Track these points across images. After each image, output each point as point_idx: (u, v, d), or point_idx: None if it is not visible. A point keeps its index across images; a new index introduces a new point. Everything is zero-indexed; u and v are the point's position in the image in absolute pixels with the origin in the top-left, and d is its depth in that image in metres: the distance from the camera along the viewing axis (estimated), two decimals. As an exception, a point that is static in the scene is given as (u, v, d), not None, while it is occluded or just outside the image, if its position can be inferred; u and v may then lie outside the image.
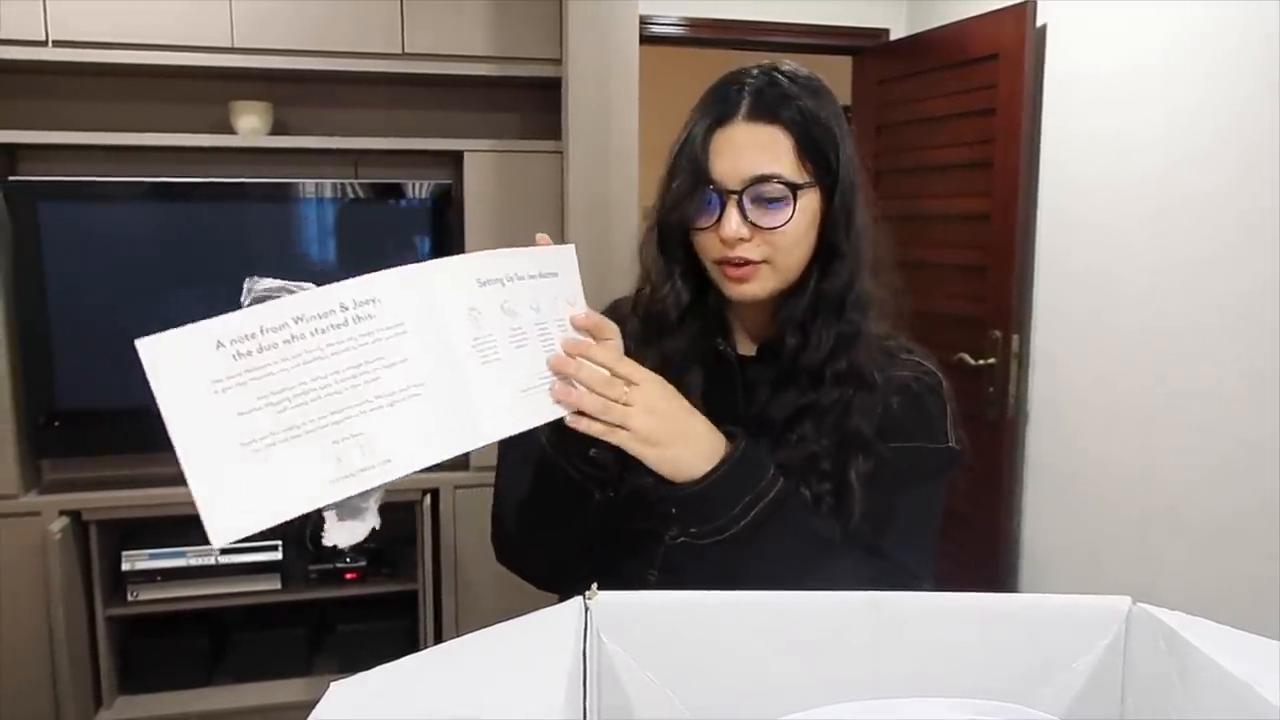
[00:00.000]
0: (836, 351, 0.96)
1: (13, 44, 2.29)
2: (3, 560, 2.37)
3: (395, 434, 0.72)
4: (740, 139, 0.93)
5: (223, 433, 0.66)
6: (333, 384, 0.70)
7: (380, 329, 0.72)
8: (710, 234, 0.94)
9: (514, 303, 0.82)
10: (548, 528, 1.02)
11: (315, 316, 0.70)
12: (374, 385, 0.72)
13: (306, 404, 0.69)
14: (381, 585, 2.64)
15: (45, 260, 2.38)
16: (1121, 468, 2.43)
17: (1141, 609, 0.71)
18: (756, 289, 0.96)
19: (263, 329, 0.68)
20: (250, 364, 0.67)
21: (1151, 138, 2.31)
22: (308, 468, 0.69)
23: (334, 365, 0.70)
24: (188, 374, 0.66)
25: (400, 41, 2.51)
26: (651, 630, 0.74)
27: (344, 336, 0.71)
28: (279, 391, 0.68)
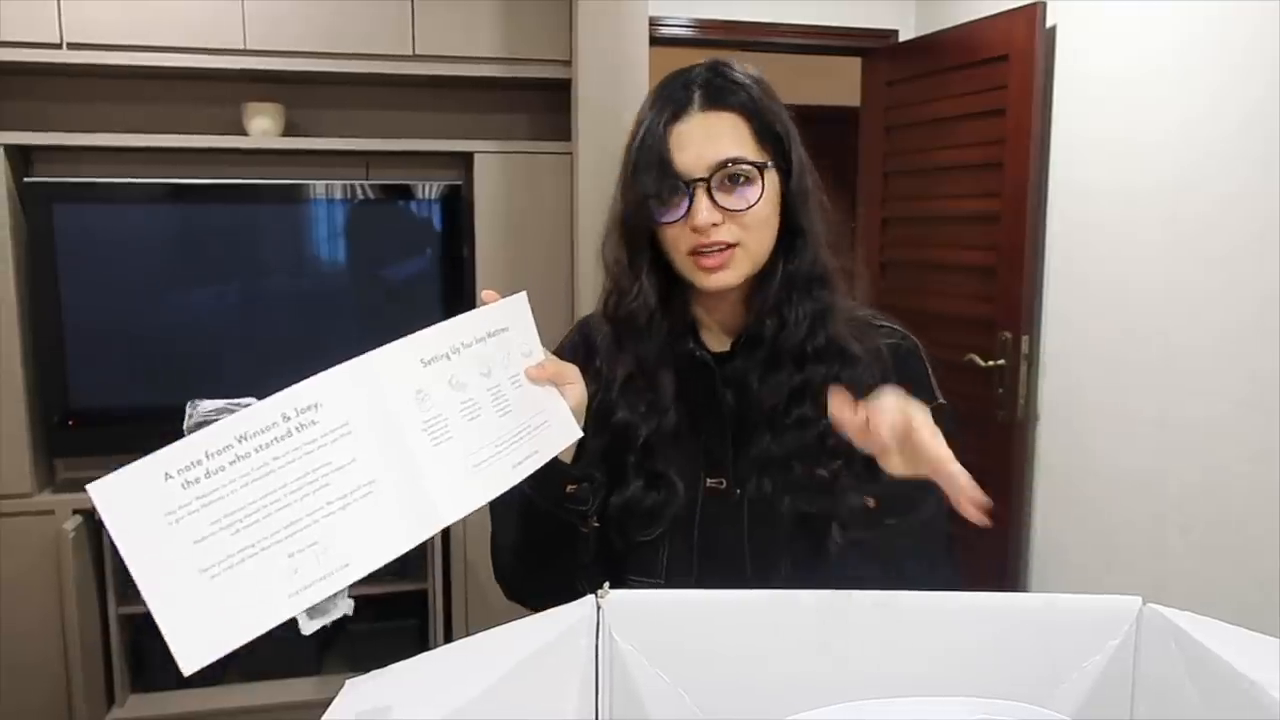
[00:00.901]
0: (814, 328, 0.98)
1: (27, 46, 2.30)
2: (16, 558, 2.39)
3: (350, 537, 0.73)
4: (699, 128, 0.95)
5: (181, 562, 0.67)
6: (283, 497, 0.70)
7: (324, 434, 0.72)
8: (679, 227, 0.95)
9: (462, 374, 0.82)
10: (542, 567, 1.02)
11: (258, 432, 0.70)
12: (324, 492, 0.72)
13: (259, 521, 0.69)
14: (392, 585, 2.64)
15: (59, 260, 2.39)
16: (1131, 469, 2.43)
17: (1152, 609, 0.71)
18: (730, 276, 0.96)
19: (208, 454, 0.68)
20: (200, 490, 0.67)
21: (1162, 139, 2.31)
22: (267, 585, 0.69)
23: (282, 478, 0.70)
24: (141, 509, 0.66)
25: (411, 43, 2.52)
26: (663, 629, 0.74)
27: (289, 448, 0.71)
28: (231, 513, 0.68)
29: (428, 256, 2.66)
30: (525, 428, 0.85)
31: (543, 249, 2.61)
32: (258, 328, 2.59)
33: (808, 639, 0.74)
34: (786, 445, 0.98)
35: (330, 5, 2.46)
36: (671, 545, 1.01)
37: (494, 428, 0.82)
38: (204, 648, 0.67)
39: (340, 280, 2.67)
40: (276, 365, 2.55)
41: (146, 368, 2.51)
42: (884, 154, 3.26)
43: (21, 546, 2.39)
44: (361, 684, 0.69)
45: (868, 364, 0.99)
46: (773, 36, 3.20)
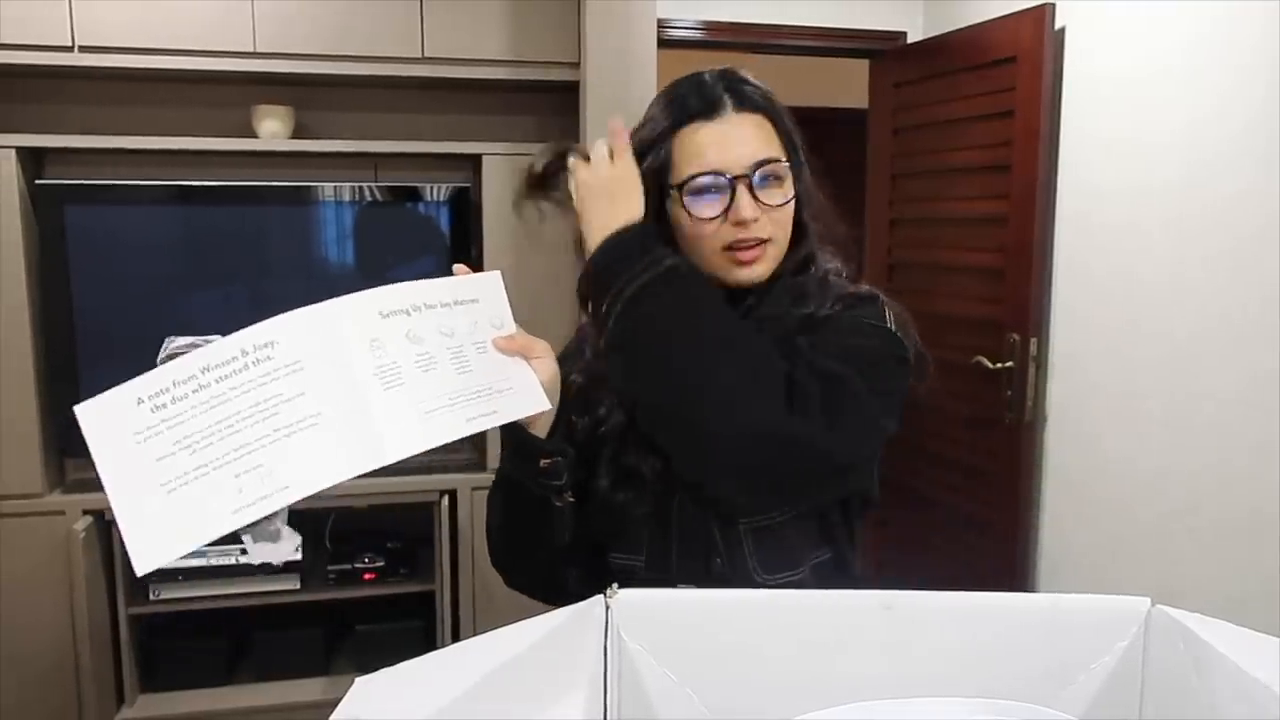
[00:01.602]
0: (779, 300, 1.03)
1: (40, 49, 2.32)
2: (27, 558, 2.40)
3: (292, 462, 0.79)
4: (737, 128, 1.00)
5: (145, 476, 0.76)
6: (235, 423, 0.78)
7: (277, 368, 0.80)
8: (716, 223, 0.99)
9: (420, 330, 0.89)
10: (523, 544, 1.06)
11: (219, 365, 0.79)
12: (273, 420, 0.79)
13: (213, 444, 0.77)
14: (399, 586, 2.65)
15: (70, 262, 2.41)
16: (1140, 470, 2.42)
17: (1160, 610, 0.71)
18: (763, 269, 1.01)
19: (175, 382, 0.78)
20: (166, 414, 0.77)
21: (1171, 140, 2.30)
22: (215, 500, 0.77)
23: (237, 406, 0.78)
24: (115, 429, 0.76)
25: (420, 45, 2.53)
26: (671, 629, 0.74)
27: (245, 379, 0.79)
28: (190, 435, 0.77)
29: (436, 258, 2.67)
30: (486, 389, 0.90)
31: (550, 250, 2.62)
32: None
33: (816, 639, 0.74)
34: None
35: (339, 8, 2.47)
36: (653, 522, 1.04)
37: (450, 383, 0.88)
38: (157, 552, 0.75)
39: (348, 282, 2.66)
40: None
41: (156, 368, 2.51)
42: (892, 156, 3.26)
43: (32, 546, 2.40)
44: (370, 683, 0.70)
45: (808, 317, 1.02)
46: (781, 38, 3.20)
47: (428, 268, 2.67)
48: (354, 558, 2.63)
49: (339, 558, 2.63)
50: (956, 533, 2.99)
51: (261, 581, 2.54)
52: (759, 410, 0.89)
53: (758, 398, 0.89)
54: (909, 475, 3.13)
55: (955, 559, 2.99)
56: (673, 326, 0.91)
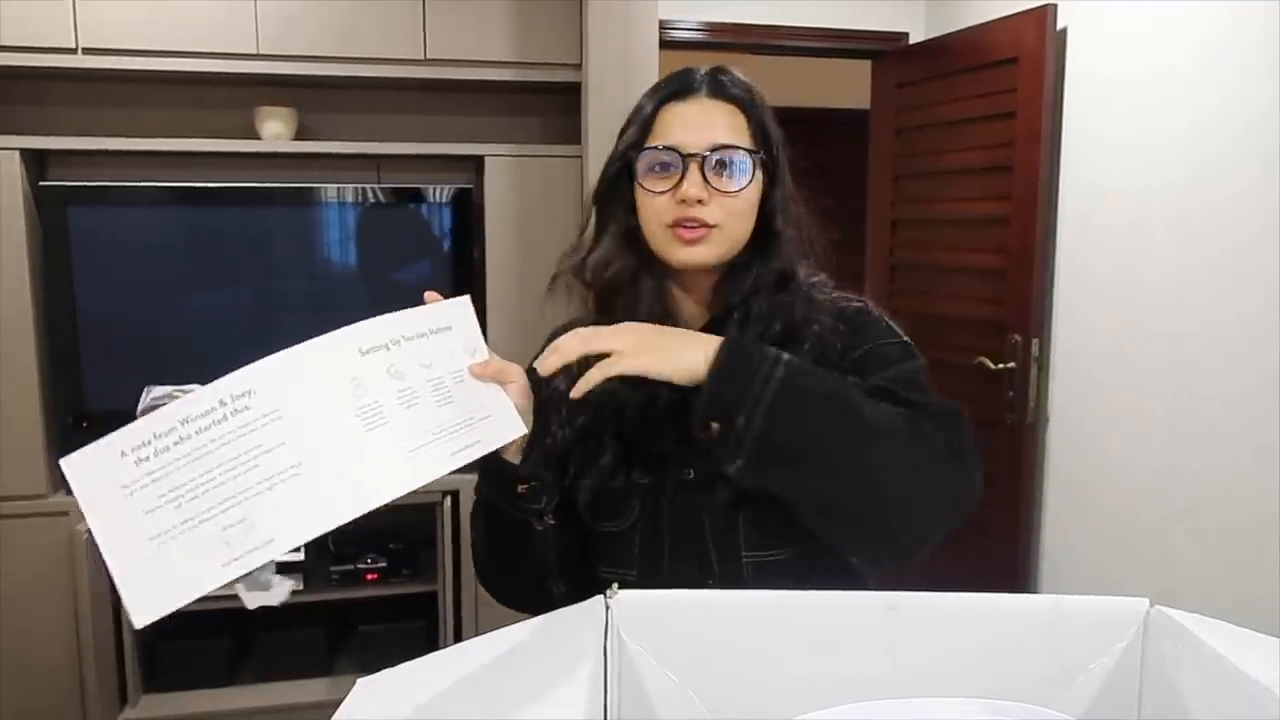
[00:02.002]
0: (770, 322, 1.02)
1: (43, 51, 2.33)
2: (31, 559, 2.41)
3: (275, 515, 0.78)
4: (703, 111, 1.01)
5: (134, 529, 0.75)
6: (218, 476, 0.77)
7: (256, 419, 0.79)
8: (666, 199, 0.99)
9: (401, 364, 0.87)
10: (508, 564, 1.06)
11: (198, 416, 0.77)
12: (254, 473, 0.78)
13: (198, 497, 0.76)
14: (402, 586, 2.66)
15: (74, 263, 2.42)
16: (1142, 471, 2.42)
17: (1159, 611, 0.71)
18: (705, 253, 1.00)
19: (155, 435, 0.76)
20: (149, 468, 0.76)
21: (1174, 140, 2.30)
22: (204, 554, 0.76)
23: (218, 459, 0.77)
24: (102, 482, 0.75)
25: (422, 47, 2.53)
26: (671, 629, 0.75)
27: (224, 431, 0.78)
28: (175, 489, 0.76)
29: (438, 259, 2.68)
30: (467, 419, 0.89)
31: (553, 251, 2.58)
32: (269, 329, 2.61)
33: (816, 639, 0.75)
34: None
35: (342, 9, 2.48)
36: (643, 535, 1.03)
37: (432, 417, 0.87)
38: (152, 606, 0.75)
39: (351, 282, 2.69)
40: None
41: (159, 369, 2.51)
42: (894, 156, 3.26)
43: (36, 547, 2.41)
44: (372, 683, 0.70)
45: (813, 343, 1.02)
46: (783, 39, 3.20)
47: (431, 268, 2.68)
48: (356, 558, 2.64)
49: (342, 558, 2.63)
50: (958, 532, 2.98)
51: (264, 582, 2.54)
52: (923, 477, 0.89)
53: (915, 465, 0.89)
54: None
55: (957, 559, 2.99)
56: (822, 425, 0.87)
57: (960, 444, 0.91)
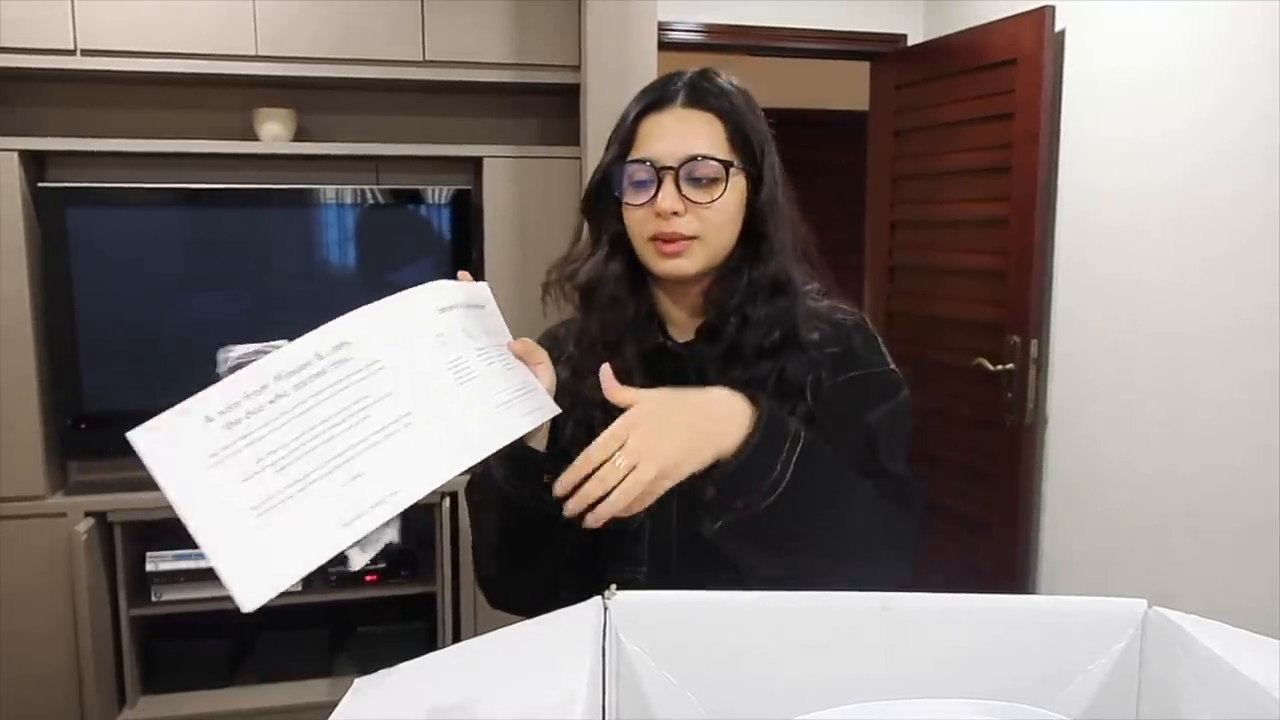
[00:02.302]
0: (770, 329, 1.02)
1: (42, 53, 2.33)
2: (30, 560, 2.41)
3: (397, 465, 0.74)
4: (677, 122, 1.00)
5: (230, 502, 0.68)
6: (325, 431, 0.72)
7: (358, 369, 0.75)
8: (645, 211, 1.00)
9: (470, 326, 0.87)
10: (523, 565, 1.04)
11: (294, 371, 0.73)
12: (366, 423, 0.74)
13: (305, 455, 0.71)
14: (401, 588, 2.66)
15: (72, 264, 2.42)
16: (1140, 473, 2.42)
17: (1157, 612, 0.71)
18: (686, 264, 1.01)
19: (246, 395, 0.71)
20: (242, 430, 0.70)
21: (1173, 141, 2.30)
22: (319, 517, 0.71)
23: (323, 413, 0.73)
24: (184, 453, 0.68)
25: (421, 48, 2.53)
26: (669, 630, 0.75)
27: (326, 384, 0.73)
28: (276, 450, 0.70)
29: (437, 260, 2.68)
30: (524, 387, 0.89)
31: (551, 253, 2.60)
32: (268, 330, 2.59)
33: (814, 640, 0.75)
34: None
35: (341, 11, 2.48)
36: (653, 533, 1.02)
37: (506, 378, 0.87)
38: (261, 585, 0.68)
39: (350, 283, 2.69)
40: (287, 368, 2.58)
41: (158, 370, 2.53)
42: (893, 158, 3.26)
43: (34, 548, 2.41)
44: (370, 683, 0.70)
45: (814, 353, 1.03)
46: (781, 41, 3.21)
47: (429, 270, 2.68)
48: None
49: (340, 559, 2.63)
50: (956, 534, 2.99)
51: (263, 583, 2.54)
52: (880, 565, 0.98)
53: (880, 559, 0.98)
54: (910, 477, 3.13)
55: (955, 560, 2.99)
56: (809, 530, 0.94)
57: (912, 524, 1.02)
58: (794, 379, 1.02)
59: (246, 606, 0.68)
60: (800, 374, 1.02)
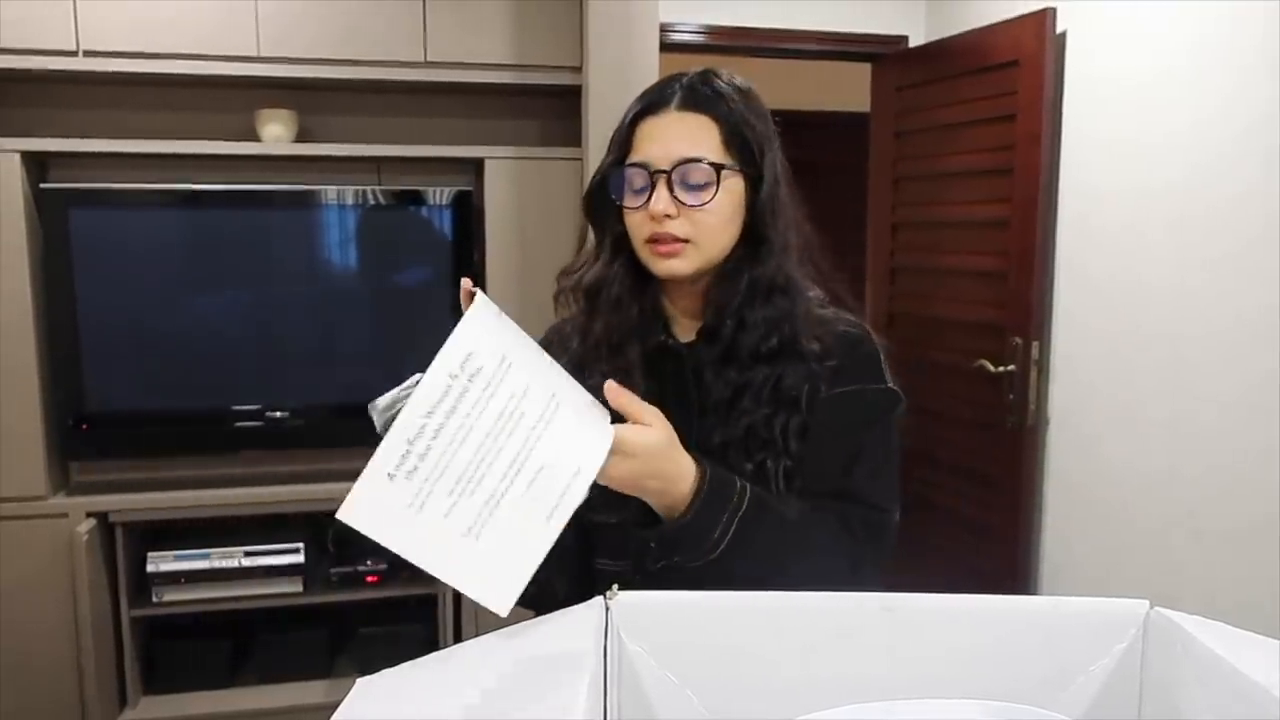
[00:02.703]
0: (769, 332, 1.03)
1: (45, 54, 2.33)
2: (31, 561, 2.41)
3: (567, 447, 0.79)
4: (671, 125, 1.01)
5: (444, 536, 0.74)
6: (492, 443, 0.76)
7: (493, 374, 0.77)
8: (642, 214, 1.01)
9: None
10: None
11: (439, 401, 0.75)
12: (524, 421, 0.77)
13: (486, 474, 0.76)
14: (402, 589, 2.65)
15: (74, 265, 2.42)
16: (1142, 475, 2.42)
17: (1159, 613, 0.71)
18: (682, 265, 1.01)
19: (409, 441, 0.74)
20: (423, 475, 0.74)
21: (1173, 142, 2.30)
22: (522, 522, 0.76)
23: (484, 427, 0.76)
24: (386, 512, 0.73)
25: (423, 50, 2.54)
26: (671, 631, 0.75)
27: (473, 400, 0.76)
28: (459, 479, 0.75)
29: (438, 261, 2.68)
30: None
31: (553, 254, 2.62)
32: (270, 331, 2.61)
33: (815, 640, 0.75)
34: (727, 435, 1.02)
35: (342, 12, 2.48)
36: (633, 532, 1.02)
37: None
38: (504, 590, 0.75)
39: (351, 284, 2.69)
40: (289, 368, 2.59)
41: (160, 371, 2.53)
42: (894, 159, 3.26)
43: (35, 549, 2.41)
44: (372, 683, 0.70)
45: (813, 364, 1.03)
46: (783, 42, 3.21)
47: (431, 270, 2.68)
48: (357, 560, 2.63)
49: (342, 560, 2.63)
50: (958, 536, 2.99)
51: (264, 584, 2.55)
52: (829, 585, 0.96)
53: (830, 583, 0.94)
54: (910, 478, 3.13)
55: (957, 562, 2.99)
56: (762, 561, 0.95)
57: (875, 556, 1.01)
58: (790, 389, 1.02)
59: (503, 612, 0.75)
60: (797, 384, 1.02)
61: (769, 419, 1.02)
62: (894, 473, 1.06)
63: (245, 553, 2.53)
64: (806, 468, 1.02)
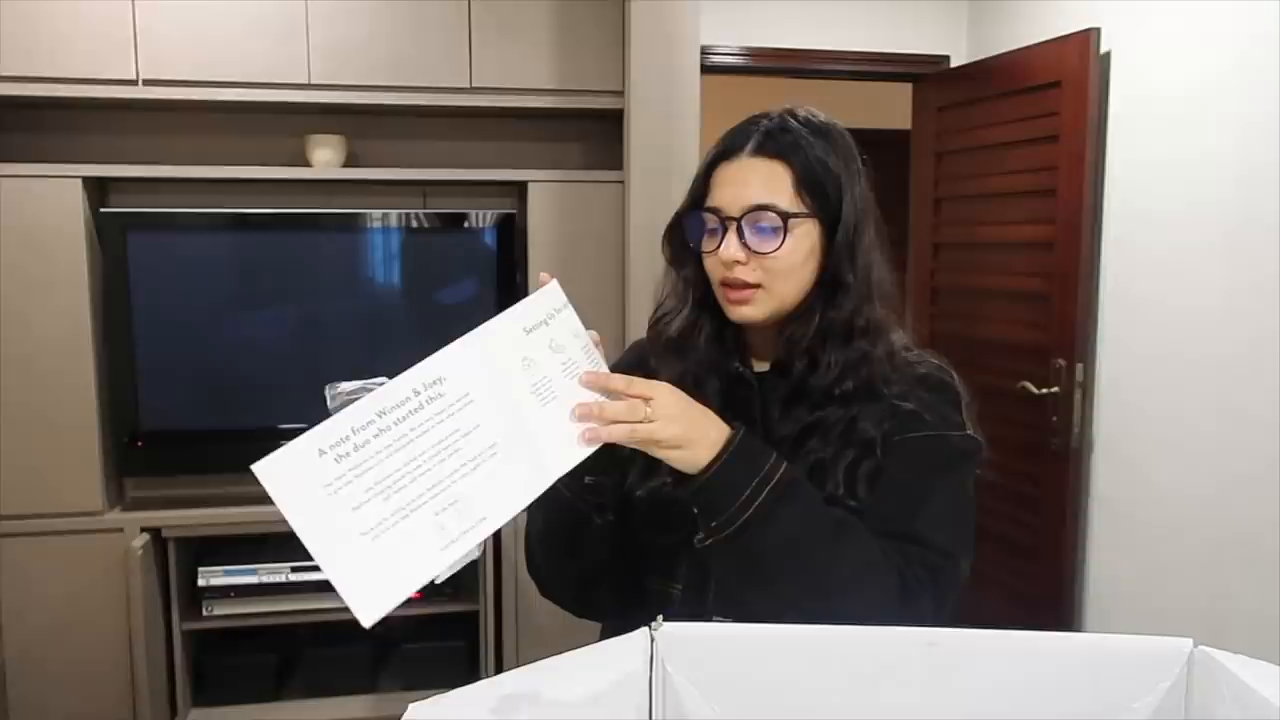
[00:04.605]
0: (844, 375, 1.02)
1: (107, 83, 2.41)
2: (86, 574, 2.48)
3: (484, 493, 0.81)
4: (742, 171, 1.01)
5: (344, 527, 0.75)
6: (423, 463, 0.79)
7: (450, 404, 0.81)
8: (714, 258, 1.02)
9: (558, 338, 0.91)
10: (562, 556, 1.08)
11: (394, 407, 0.79)
12: (458, 455, 0.81)
13: (406, 486, 0.78)
14: (444, 606, 2.68)
15: (132, 286, 2.49)
16: (1190, 498, 2.38)
17: (1203, 651, 0.71)
18: (753, 311, 1.02)
19: (353, 429, 0.77)
20: (351, 463, 0.76)
21: (1221, 161, 2.27)
22: (419, 542, 0.78)
23: (421, 446, 0.79)
24: (302, 483, 0.75)
25: (468, 76, 2.59)
26: (715, 662, 0.76)
27: (423, 419, 0.80)
28: (381, 480, 0.77)
29: (482, 283, 2.72)
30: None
31: (594, 276, 2.65)
32: (317, 351, 2.66)
33: (859, 674, 0.75)
34: None
35: (390, 40, 2.54)
36: (692, 553, 1.02)
37: (581, 392, 0.90)
38: (374, 602, 0.76)
39: (397, 305, 2.74)
40: (336, 389, 2.63)
41: (211, 390, 2.59)
42: (935, 179, 3.25)
43: (91, 563, 2.48)
44: (422, 709, 0.72)
45: (892, 407, 1.01)
46: (824, 63, 3.22)
47: (474, 292, 2.72)
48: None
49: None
50: (1002, 559, 2.96)
51: (310, 599, 2.59)
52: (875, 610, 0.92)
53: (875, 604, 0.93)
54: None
55: (1000, 586, 2.96)
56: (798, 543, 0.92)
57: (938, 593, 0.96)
58: (864, 431, 1.00)
59: (366, 622, 0.76)
60: (873, 427, 1.00)
61: (836, 458, 1.00)
62: (966, 523, 1.03)
63: (292, 568, 2.57)
64: (873, 509, 0.99)
